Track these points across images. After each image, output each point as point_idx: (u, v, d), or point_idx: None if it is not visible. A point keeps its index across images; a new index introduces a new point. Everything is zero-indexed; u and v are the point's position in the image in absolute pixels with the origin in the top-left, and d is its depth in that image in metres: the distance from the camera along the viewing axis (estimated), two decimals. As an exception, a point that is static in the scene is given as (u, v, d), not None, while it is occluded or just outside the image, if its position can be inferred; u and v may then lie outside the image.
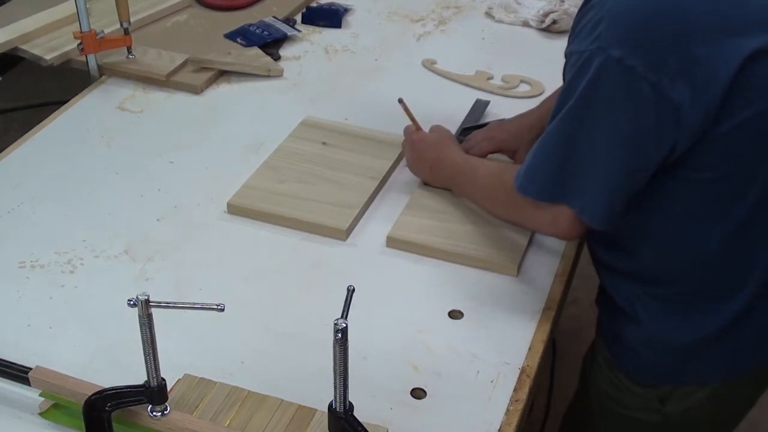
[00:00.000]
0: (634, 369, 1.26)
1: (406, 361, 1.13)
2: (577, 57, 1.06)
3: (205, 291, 1.23)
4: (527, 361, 1.13)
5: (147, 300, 0.90)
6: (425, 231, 1.32)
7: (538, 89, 1.70)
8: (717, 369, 1.22)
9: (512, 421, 1.05)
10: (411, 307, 1.21)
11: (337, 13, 1.98)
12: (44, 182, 1.45)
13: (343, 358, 0.88)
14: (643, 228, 1.15)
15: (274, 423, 1.01)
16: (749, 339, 1.20)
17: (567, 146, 1.09)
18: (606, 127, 1.06)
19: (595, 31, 1.03)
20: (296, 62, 1.82)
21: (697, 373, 1.23)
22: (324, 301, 1.18)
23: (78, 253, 1.30)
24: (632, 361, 1.25)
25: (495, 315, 1.21)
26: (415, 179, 1.43)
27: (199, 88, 1.70)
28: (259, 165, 1.46)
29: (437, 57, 1.84)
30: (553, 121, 1.10)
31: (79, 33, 1.66)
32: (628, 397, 1.28)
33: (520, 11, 1.98)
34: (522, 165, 1.16)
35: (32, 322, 1.18)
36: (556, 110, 1.10)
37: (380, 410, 1.05)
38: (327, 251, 1.31)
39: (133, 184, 1.45)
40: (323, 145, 1.51)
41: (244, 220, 1.37)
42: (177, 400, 1.02)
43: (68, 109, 1.65)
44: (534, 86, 1.71)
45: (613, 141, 1.06)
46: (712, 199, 1.10)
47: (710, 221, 1.12)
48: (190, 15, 1.99)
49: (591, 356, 1.36)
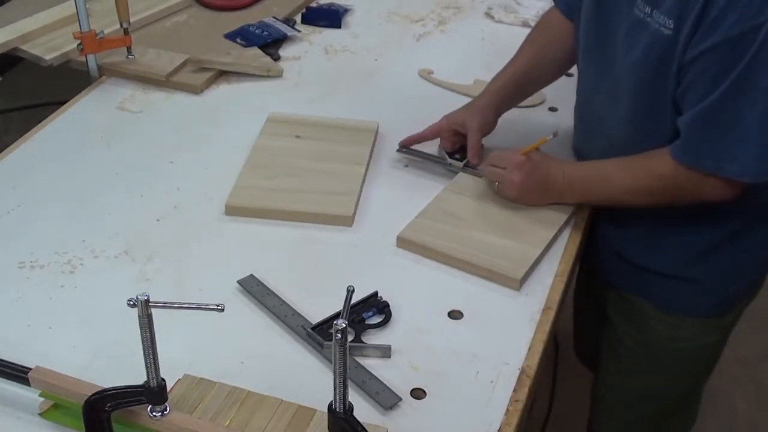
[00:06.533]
0: (703, 307, 1.42)
1: (406, 361, 1.13)
2: (752, 34, 1.10)
3: (205, 291, 1.23)
4: (527, 362, 1.13)
5: (147, 300, 0.90)
6: (436, 235, 1.31)
7: (537, 98, 1.68)
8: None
9: (512, 422, 1.05)
10: (411, 307, 1.21)
11: (337, 13, 1.99)
12: (44, 182, 1.45)
13: (343, 358, 0.88)
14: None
15: (274, 423, 1.01)
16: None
17: (741, 116, 1.15)
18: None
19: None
20: (296, 62, 1.82)
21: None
22: (324, 301, 1.18)
23: (78, 253, 1.30)
24: (703, 301, 1.42)
25: (495, 315, 1.21)
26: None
27: (199, 88, 1.70)
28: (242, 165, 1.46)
29: (436, 57, 1.84)
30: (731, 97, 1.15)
31: (79, 33, 1.66)
32: (686, 332, 1.45)
33: (520, 11, 1.98)
34: (686, 145, 1.21)
35: (32, 322, 1.18)
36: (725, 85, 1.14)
37: (380, 410, 1.05)
38: (328, 248, 1.31)
39: (133, 184, 1.45)
40: (298, 139, 1.52)
41: (244, 219, 1.37)
42: (177, 401, 1.02)
43: (68, 109, 1.65)
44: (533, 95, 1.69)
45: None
46: None
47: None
48: (190, 15, 1.99)
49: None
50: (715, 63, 1.14)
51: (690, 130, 1.21)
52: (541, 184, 1.35)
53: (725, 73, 1.14)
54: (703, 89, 1.17)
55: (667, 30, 1.18)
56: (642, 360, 1.52)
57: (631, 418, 1.61)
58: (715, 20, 1.12)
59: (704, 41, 1.14)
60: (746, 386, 2.32)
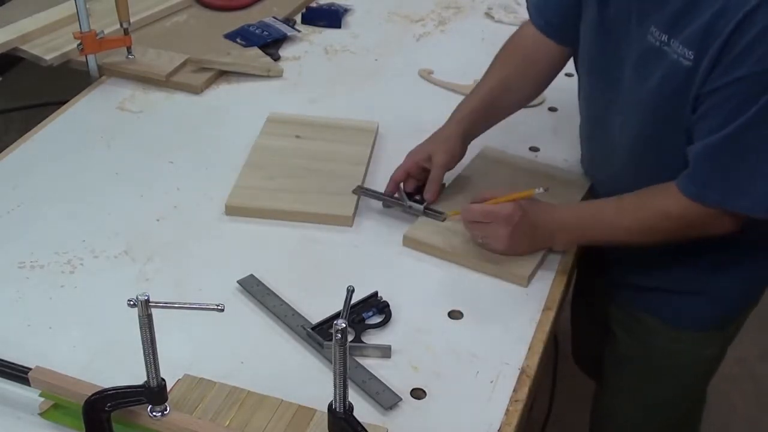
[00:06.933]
0: (709, 318, 1.41)
1: (406, 361, 1.13)
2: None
3: (205, 291, 1.23)
4: (527, 361, 1.14)
5: (147, 300, 0.90)
6: (442, 234, 1.32)
7: (538, 98, 1.67)
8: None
9: (512, 422, 1.05)
10: (411, 307, 1.21)
11: (337, 13, 1.99)
12: (44, 182, 1.45)
13: (343, 359, 0.88)
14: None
15: (274, 423, 1.01)
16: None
17: (748, 154, 1.13)
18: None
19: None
20: (296, 62, 1.82)
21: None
22: (324, 301, 1.18)
23: (78, 254, 1.30)
24: (708, 314, 1.40)
25: (495, 315, 1.21)
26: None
27: (199, 88, 1.70)
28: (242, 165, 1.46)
29: (436, 57, 1.84)
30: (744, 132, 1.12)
31: (79, 33, 1.66)
32: (688, 345, 1.43)
33: (520, 11, 1.98)
34: (695, 175, 1.17)
35: (32, 322, 1.18)
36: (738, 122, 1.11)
37: (380, 410, 1.06)
38: (328, 248, 1.31)
39: (133, 184, 1.45)
40: (297, 139, 1.53)
41: (243, 219, 1.37)
42: (177, 401, 1.02)
43: (68, 109, 1.65)
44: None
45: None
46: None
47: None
48: (190, 15, 1.99)
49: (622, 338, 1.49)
50: (735, 96, 1.10)
51: (701, 161, 1.16)
52: (530, 231, 1.26)
53: (745, 105, 1.10)
54: (719, 121, 1.13)
55: (687, 61, 1.13)
56: (645, 374, 1.50)
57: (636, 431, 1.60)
58: (741, 54, 1.08)
59: (728, 74, 1.10)
60: (745, 385, 2.33)
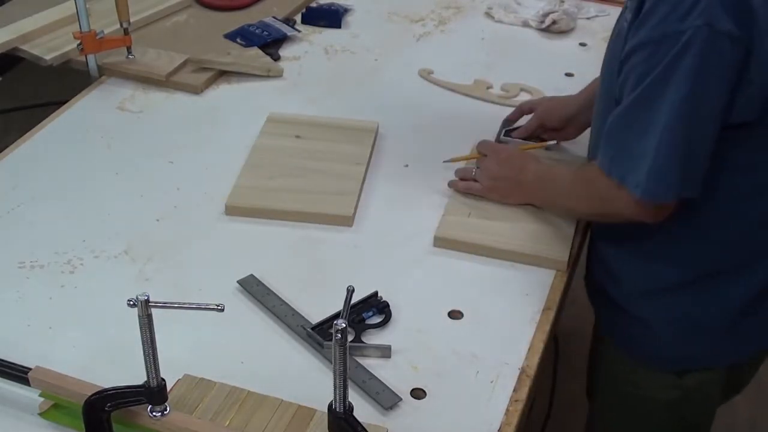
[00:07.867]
0: (655, 356, 1.28)
1: (406, 361, 1.13)
2: (672, 40, 1.01)
3: (205, 291, 1.23)
4: (527, 361, 1.14)
5: (147, 300, 0.90)
6: (471, 229, 1.32)
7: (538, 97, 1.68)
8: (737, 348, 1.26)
9: (512, 422, 1.05)
10: (411, 307, 1.21)
11: (337, 13, 1.98)
12: (44, 182, 1.45)
13: (343, 358, 0.88)
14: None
15: (274, 423, 1.01)
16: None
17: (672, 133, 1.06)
18: (705, 98, 1.03)
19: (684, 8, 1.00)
20: (296, 62, 1.82)
21: (723, 353, 1.26)
22: (324, 301, 1.18)
23: (78, 254, 1.30)
24: (654, 349, 1.27)
25: (495, 315, 1.21)
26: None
27: (199, 88, 1.70)
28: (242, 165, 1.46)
29: (436, 57, 1.83)
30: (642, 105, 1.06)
31: (79, 33, 1.66)
32: (644, 380, 1.30)
33: (519, 11, 1.98)
34: (603, 148, 1.14)
35: (32, 322, 1.18)
36: (639, 91, 1.06)
37: (380, 410, 1.06)
38: (328, 248, 1.31)
39: (133, 184, 1.45)
40: (297, 138, 1.53)
41: (243, 219, 1.37)
42: (177, 401, 1.02)
43: (68, 109, 1.65)
44: (534, 95, 1.68)
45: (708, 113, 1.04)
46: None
47: None
48: (190, 15, 1.99)
49: (598, 355, 1.38)
50: (638, 64, 1.06)
51: (605, 132, 1.13)
52: (515, 175, 1.32)
53: (644, 76, 1.05)
54: (626, 91, 1.08)
55: (626, 23, 1.10)
56: (615, 408, 1.41)
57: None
58: (647, 13, 1.04)
59: (635, 37, 1.06)
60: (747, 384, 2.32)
